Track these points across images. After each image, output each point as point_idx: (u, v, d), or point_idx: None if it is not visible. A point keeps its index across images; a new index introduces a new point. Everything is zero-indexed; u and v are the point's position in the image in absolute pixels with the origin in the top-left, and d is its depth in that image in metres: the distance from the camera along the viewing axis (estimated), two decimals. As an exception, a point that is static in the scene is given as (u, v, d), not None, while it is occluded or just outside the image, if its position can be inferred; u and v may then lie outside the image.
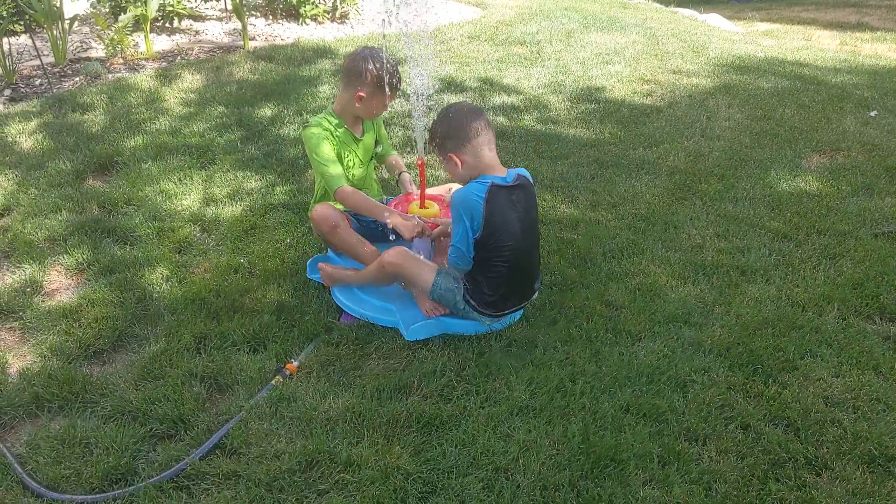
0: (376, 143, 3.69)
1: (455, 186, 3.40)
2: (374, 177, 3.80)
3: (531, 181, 3.11)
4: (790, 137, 5.37)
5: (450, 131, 2.98)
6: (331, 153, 3.39)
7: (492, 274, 3.01)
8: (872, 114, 5.92)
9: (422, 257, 3.21)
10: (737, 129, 5.56)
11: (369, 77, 3.32)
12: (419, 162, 3.31)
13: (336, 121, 3.47)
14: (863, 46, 9.10)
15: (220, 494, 2.31)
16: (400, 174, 3.75)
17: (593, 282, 3.49)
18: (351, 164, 3.54)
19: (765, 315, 3.22)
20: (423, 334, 3.07)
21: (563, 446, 2.48)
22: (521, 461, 2.42)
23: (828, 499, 2.29)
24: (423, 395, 2.74)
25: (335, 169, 3.38)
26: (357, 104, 3.40)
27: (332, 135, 3.43)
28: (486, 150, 2.98)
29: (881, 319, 3.25)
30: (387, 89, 3.32)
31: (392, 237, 3.24)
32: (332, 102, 3.58)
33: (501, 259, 2.98)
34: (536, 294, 3.21)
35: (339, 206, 3.43)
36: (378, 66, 3.30)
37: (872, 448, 2.47)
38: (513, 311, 3.15)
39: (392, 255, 3.08)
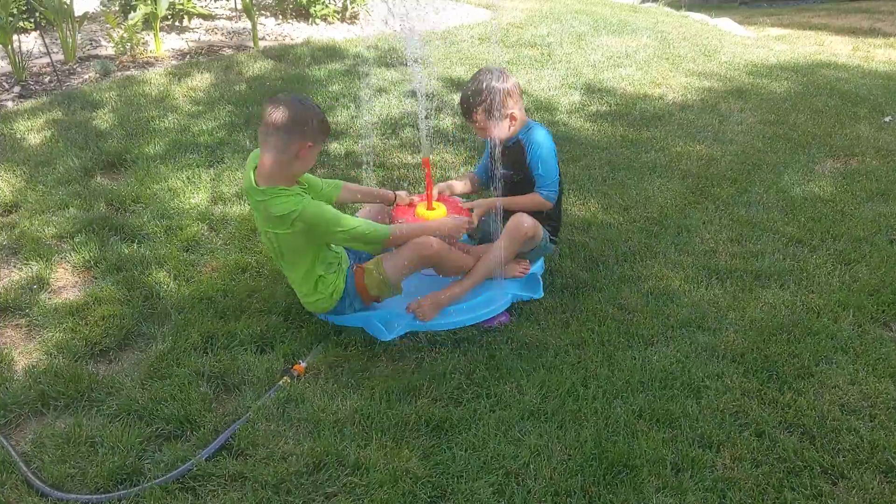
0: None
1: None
2: None
3: None
4: (804, 142, 5.32)
5: (510, 91, 3.25)
6: (338, 214, 2.96)
7: (558, 203, 3.46)
8: (887, 119, 5.87)
9: None
10: (750, 133, 5.52)
11: (316, 123, 2.88)
12: (425, 161, 3.28)
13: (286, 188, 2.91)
14: (876, 52, 9.03)
15: (227, 496, 2.28)
16: (396, 194, 3.43)
17: (605, 285, 3.45)
18: None
19: (779, 321, 3.18)
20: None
21: (576, 451, 2.44)
22: (532, 466, 2.38)
23: (845, 509, 2.25)
24: (432, 397, 2.71)
25: (359, 222, 3.03)
26: (301, 156, 2.86)
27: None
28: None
29: (898, 326, 3.21)
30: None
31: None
32: (252, 180, 2.90)
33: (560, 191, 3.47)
34: None
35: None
36: (317, 109, 2.93)
37: (890, 457, 2.43)
38: None
39: (519, 221, 3.27)
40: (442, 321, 3.13)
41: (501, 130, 3.30)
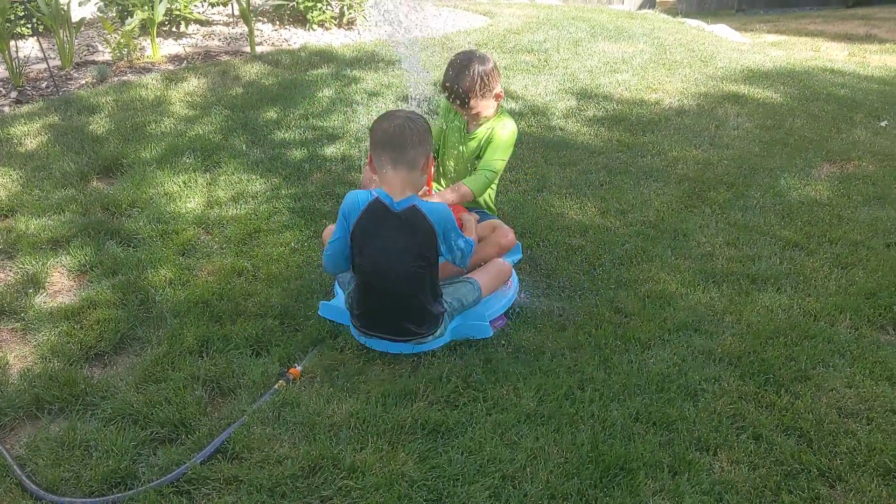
0: (481, 149, 3.50)
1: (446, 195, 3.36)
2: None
3: (432, 222, 2.80)
4: (800, 147, 5.33)
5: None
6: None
7: (354, 286, 2.99)
8: (883, 123, 5.88)
9: None
10: (746, 138, 5.53)
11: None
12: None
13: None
14: (871, 58, 9.07)
15: (222, 499, 2.26)
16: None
17: (602, 288, 3.44)
18: (453, 152, 3.57)
19: (776, 324, 3.17)
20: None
21: (572, 455, 2.43)
22: (528, 469, 2.37)
23: (843, 511, 2.24)
24: (428, 401, 2.69)
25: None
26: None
27: (448, 114, 3.58)
28: (390, 168, 2.79)
29: (895, 330, 3.20)
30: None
31: None
32: None
33: (359, 276, 2.92)
34: (427, 338, 2.96)
35: None
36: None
37: (887, 460, 2.42)
38: (384, 339, 2.97)
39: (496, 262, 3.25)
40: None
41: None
